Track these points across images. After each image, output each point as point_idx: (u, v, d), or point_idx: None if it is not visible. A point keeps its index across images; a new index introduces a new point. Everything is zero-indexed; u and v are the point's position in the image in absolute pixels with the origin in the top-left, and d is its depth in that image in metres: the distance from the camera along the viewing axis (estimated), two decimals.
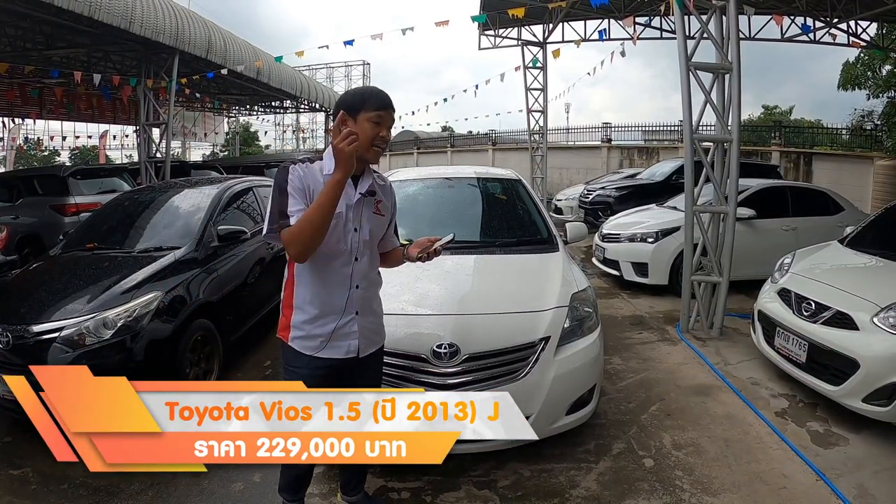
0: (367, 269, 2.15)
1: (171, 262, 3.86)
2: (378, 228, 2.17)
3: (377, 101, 1.98)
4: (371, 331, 2.21)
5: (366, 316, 2.17)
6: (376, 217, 2.15)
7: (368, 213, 2.11)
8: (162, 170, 11.26)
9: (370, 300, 2.20)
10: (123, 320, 3.26)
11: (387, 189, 2.23)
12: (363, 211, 2.10)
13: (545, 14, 13.92)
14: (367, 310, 2.18)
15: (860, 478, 2.94)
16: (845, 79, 13.81)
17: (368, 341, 2.20)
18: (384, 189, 2.21)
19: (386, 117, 2.00)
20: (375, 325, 2.25)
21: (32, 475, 3.02)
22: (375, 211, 2.14)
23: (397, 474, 2.93)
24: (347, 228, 2.06)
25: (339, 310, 2.10)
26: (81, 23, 9.22)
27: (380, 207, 2.15)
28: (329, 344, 2.11)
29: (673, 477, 2.92)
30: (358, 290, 2.12)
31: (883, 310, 3.41)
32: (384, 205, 2.18)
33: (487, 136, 26.46)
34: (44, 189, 8.46)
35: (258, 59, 13.50)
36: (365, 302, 2.16)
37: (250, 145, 41.56)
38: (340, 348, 2.13)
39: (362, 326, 2.15)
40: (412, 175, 4.64)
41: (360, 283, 2.12)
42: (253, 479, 2.93)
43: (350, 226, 2.06)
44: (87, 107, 20.90)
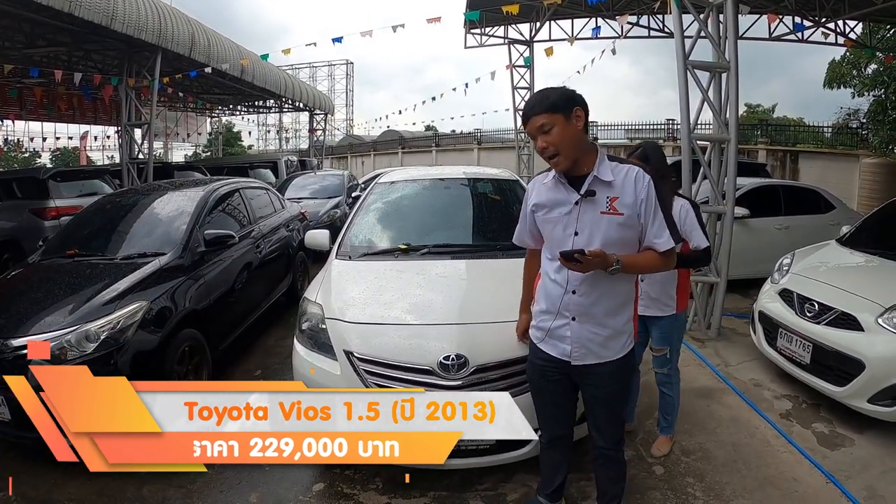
0: (590, 276, 2.02)
1: (156, 270, 3.69)
2: (612, 231, 2.01)
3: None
4: (588, 339, 2.09)
5: (584, 324, 2.08)
6: (606, 217, 2.00)
7: (594, 214, 2.01)
8: (144, 171, 11.00)
9: (590, 307, 2.07)
10: (107, 332, 3.08)
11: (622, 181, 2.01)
12: (580, 213, 2.02)
13: (532, 12, 13.88)
14: (587, 317, 2.07)
15: (869, 479, 2.91)
16: (831, 77, 13.94)
17: (586, 350, 2.10)
18: (613, 184, 2.01)
19: (529, 129, 2.02)
20: (598, 337, 2.09)
21: (16, 498, 2.87)
22: (606, 211, 2.00)
23: (402, 491, 2.81)
24: (567, 233, 2.04)
25: (554, 310, 2.11)
26: (62, 20, 8.99)
27: (615, 206, 2.00)
28: (545, 339, 2.17)
29: (684, 484, 2.85)
30: (574, 295, 2.05)
31: (887, 310, 3.39)
32: (620, 202, 2.00)
33: (472, 135, 26.43)
34: (23, 192, 8.18)
35: (243, 57, 13.27)
36: (583, 308, 2.06)
37: (233, 146, 41.11)
38: (556, 347, 2.14)
39: (578, 334, 2.08)
40: (404, 176, 4.51)
41: (576, 289, 2.04)
42: (249, 499, 2.80)
43: (570, 230, 2.04)
44: (67, 107, 20.53)
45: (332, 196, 9.80)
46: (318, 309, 2.89)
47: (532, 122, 1.98)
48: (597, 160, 2.02)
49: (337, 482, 2.91)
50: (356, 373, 2.55)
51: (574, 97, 1.99)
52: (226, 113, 29.16)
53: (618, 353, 2.11)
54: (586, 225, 2.01)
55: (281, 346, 4.75)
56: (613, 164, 2.03)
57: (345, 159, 34.52)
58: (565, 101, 1.96)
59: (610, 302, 2.07)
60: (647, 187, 1.98)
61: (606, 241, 1.98)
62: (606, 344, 2.10)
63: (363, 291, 2.99)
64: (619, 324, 2.10)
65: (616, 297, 2.08)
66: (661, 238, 2.00)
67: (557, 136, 1.95)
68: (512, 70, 15.22)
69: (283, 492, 2.85)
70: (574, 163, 2.01)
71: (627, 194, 1.98)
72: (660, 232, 2.00)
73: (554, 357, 2.16)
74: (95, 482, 2.94)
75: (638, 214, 1.99)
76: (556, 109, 1.95)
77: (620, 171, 2.01)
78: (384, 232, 3.81)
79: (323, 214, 8.80)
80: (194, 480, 2.95)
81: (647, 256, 2.04)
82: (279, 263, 5.63)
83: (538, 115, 1.96)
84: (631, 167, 2.02)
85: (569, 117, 1.96)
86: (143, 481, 2.95)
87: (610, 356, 2.11)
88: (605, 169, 2.01)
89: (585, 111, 1.99)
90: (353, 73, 41.35)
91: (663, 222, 1.99)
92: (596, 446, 2.28)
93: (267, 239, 5.38)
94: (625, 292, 2.11)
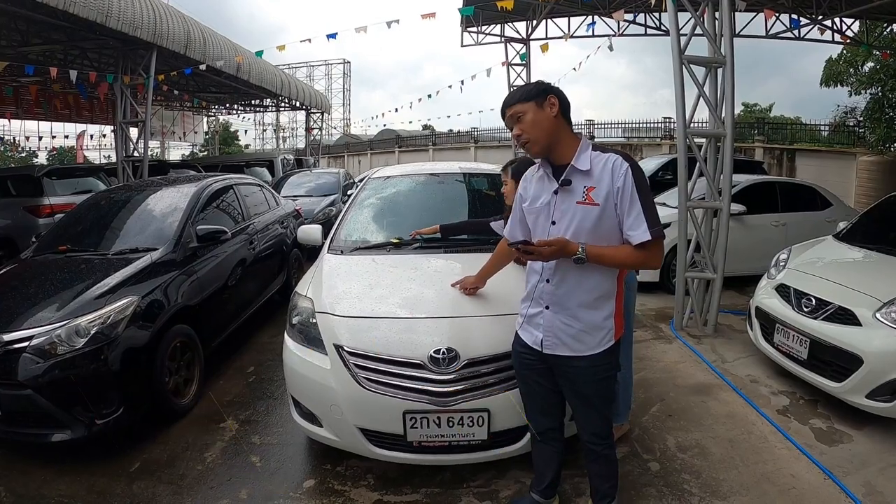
0: (560, 266, 2.03)
1: (148, 265, 3.65)
2: (587, 220, 1.97)
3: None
4: (560, 329, 2.07)
5: (557, 314, 2.07)
6: (581, 207, 1.97)
7: (570, 204, 1.99)
8: (140, 169, 10.95)
9: (563, 297, 2.06)
10: (97, 327, 3.04)
11: (600, 170, 1.97)
12: (557, 203, 2.03)
13: (528, 10, 13.86)
14: (560, 307, 2.07)
15: (867, 475, 2.88)
16: (828, 75, 13.97)
17: (557, 340, 2.08)
18: (590, 173, 1.98)
19: (506, 121, 2.08)
20: (570, 329, 2.06)
21: (6, 494, 2.84)
22: (582, 201, 1.97)
23: (393, 487, 2.78)
24: (546, 222, 2.05)
25: (531, 297, 2.15)
26: (57, 17, 8.94)
27: (591, 195, 1.96)
28: (523, 325, 2.22)
29: (680, 481, 2.82)
30: (548, 284, 2.06)
31: (885, 305, 3.37)
32: (597, 191, 1.95)
33: (469, 133, 26.43)
34: (17, 190, 8.16)
35: (238, 55, 13.21)
36: (556, 298, 2.06)
37: (230, 145, 41.06)
38: (531, 335, 2.17)
39: (550, 323, 2.09)
40: (398, 171, 4.48)
41: (550, 278, 2.06)
42: (239, 495, 2.76)
43: (548, 220, 2.05)
44: (63, 106, 20.47)
45: (327, 194, 9.76)
46: (308, 303, 2.86)
47: (507, 112, 2.04)
48: (577, 150, 2.00)
49: (328, 479, 2.87)
50: (346, 367, 2.51)
51: (548, 87, 2.02)
52: (222, 112, 29.10)
53: (593, 348, 2.06)
54: (563, 214, 2.00)
55: (274, 343, 4.71)
56: (595, 154, 2.00)
57: (341, 158, 34.50)
58: (539, 90, 2.00)
59: (584, 295, 2.03)
60: (624, 176, 1.92)
61: (579, 230, 1.96)
62: (579, 337, 2.05)
63: (354, 286, 2.95)
64: (596, 319, 2.05)
65: (591, 291, 2.03)
66: (635, 230, 1.91)
67: (529, 122, 1.99)
68: (508, 67, 15.19)
69: (273, 488, 2.81)
70: (547, 149, 2.02)
71: (604, 184, 1.94)
72: (636, 224, 1.91)
73: (528, 345, 2.18)
74: (86, 479, 2.92)
75: (615, 204, 1.94)
76: (529, 98, 2.00)
77: (600, 160, 1.98)
78: (377, 226, 3.77)
79: (318, 212, 8.76)
80: (184, 477, 2.92)
81: (620, 249, 1.97)
82: (273, 260, 5.59)
83: (512, 106, 2.02)
84: (611, 156, 1.97)
85: (541, 105, 1.98)
86: (132, 478, 2.92)
87: (584, 351, 2.06)
88: (583, 158, 1.99)
89: (560, 99, 2.00)
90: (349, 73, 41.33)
91: (641, 213, 1.91)
92: (582, 441, 2.27)
93: (261, 235, 5.34)
94: (601, 286, 2.04)
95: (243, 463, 3.05)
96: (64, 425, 2.95)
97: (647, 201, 1.93)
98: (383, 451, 2.54)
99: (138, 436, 3.29)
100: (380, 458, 2.58)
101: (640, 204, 1.91)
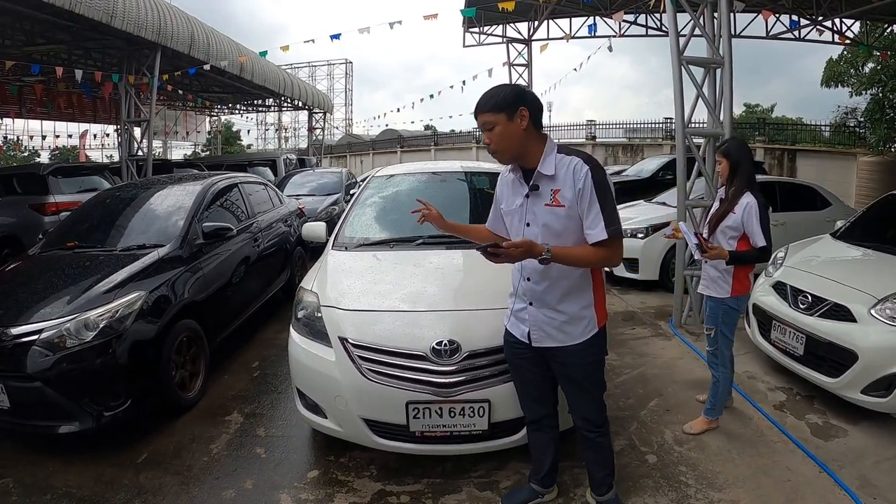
0: (535, 265, 2.09)
1: (155, 261, 3.71)
2: (555, 222, 2.06)
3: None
4: (545, 322, 2.18)
5: (540, 308, 2.17)
6: (549, 209, 2.06)
7: (540, 206, 2.07)
8: (144, 168, 11.02)
9: (543, 293, 2.16)
10: (106, 321, 3.10)
11: (564, 173, 2.04)
12: (529, 205, 2.11)
13: (530, 11, 13.92)
14: (541, 302, 2.17)
15: (862, 469, 2.92)
16: (828, 76, 14.00)
17: (543, 333, 2.19)
18: (555, 177, 2.05)
19: (478, 123, 2.09)
20: (554, 322, 2.17)
21: (14, 485, 2.89)
22: (550, 203, 2.05)
23: (395, 477, 2.84)
24: (520, 224, 2.14)
25: (515, 294, 2.27)
26: (62, 17, 9.01)
27: (557, 198, 2.04)
28: (510, 319, 2.32)
29: (677, 473, 2.87)
30: (529, 282, 2.17)
31: (880, 301, 3.40)
32: (562, 193, 2.04)
33: (471, 133, 26.48)
34: (23, 188, 8.23)
35: (241, 55, 13.28)
36: (537, 294, 2.16)
37: (232, 144, 41.14)
38: (518, 328, 2.27)
39: (535, 317, 2.19)
40: (401, 169, 4.54)
41: (530, 276, 2.16)
42: (244, 485, 2.82)
43: (522, 221, 2.14)
44: (67, 105, 20.54)
45: (330, 193, 9.82)
46: (313, 297, 2.92)
47: (479, 118, 2.07)
48: (542, 154, 2.07)
49: (331, 469, 2.93)
50: (350, 359, 2.57)
51: (522, 96, 2.03)
52: (225, 112, 29.18)
53: (577, 337, 2.17)
54: (535, 216, 2.10)
55: (279, 338, 4.77)
56: (559, 157, 2.06)
57: (344, 158, 34.55)
58: (511, 99, 2.00)
59: (561, 289, 2.14)
60: (584, 177, 1.99)
61: (548, 231, 2.06)
62: (564, 329, 2.17)
63: (358, 280, 3.01)
64: (576, 309, 2.16)
65: (567, 285, 2.13)
66: (593, 229, 2.00)
67: (498, 135, 2.02)
68: (510, 68, 15.25)
69: (278, 478, 2.86)
70: (516, 158, 2.11)
71: (568, 186, 2.02)
72: (593, 223, 2.00)
73: (517, 338, 2.28)
74: (93, 470, 2.97)
75: (579, 204, 2.03)
76: (501, 109, 2.00)
77: (563, 163, 2.04)
78: (380, 223, 3.83)
79: (321, 211, 8.82)
80: (191, 468, 2.97)
81: (583, 248, 2.05)
82: (277, 258, 5.65)
83: (483, 113, 2.04)
84: (573, 158, 2.04)
85: (512, 117, 2.00)
86: (140, 469, 2.98)
87: (569, 341, 2.17)
88: (548, 163, 2.05)
89: (532, 110, 2.02)
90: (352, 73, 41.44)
91: (599, 214, 1.99)
92: (577, 428, 2.36)
93: (265, 233, 5.40)
94: (576, 280, 2.14)
95: (248, 454, 3.11)
96: (72, 417, 3.01)
97: (607, 202, 2.01)
98: (386, 441, 2.60)
99: (145, 428, 3.35)
100: (383, 447, 2.64)
101: (599, 204, 1.99)
